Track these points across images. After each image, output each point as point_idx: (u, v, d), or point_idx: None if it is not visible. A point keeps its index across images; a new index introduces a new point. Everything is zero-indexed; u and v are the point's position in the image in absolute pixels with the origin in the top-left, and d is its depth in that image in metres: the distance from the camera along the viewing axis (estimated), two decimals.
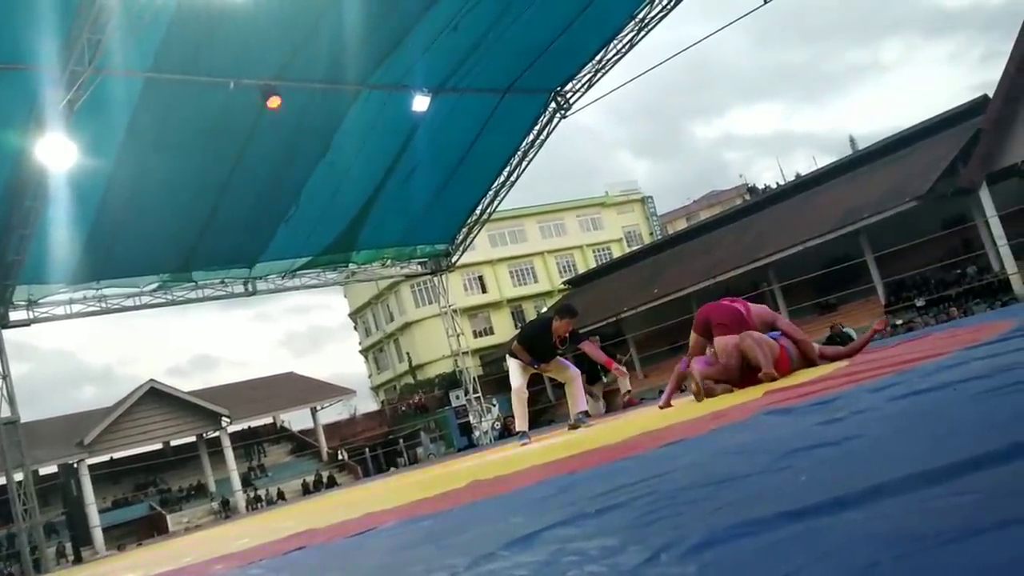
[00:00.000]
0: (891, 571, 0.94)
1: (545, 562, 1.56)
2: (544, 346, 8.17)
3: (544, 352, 8.18)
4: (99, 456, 30.44)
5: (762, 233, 30.81)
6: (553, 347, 8.12)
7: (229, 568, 3.36)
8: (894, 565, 0.95)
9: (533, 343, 8.23)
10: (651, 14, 15.26)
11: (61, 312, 14.51)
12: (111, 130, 12.06)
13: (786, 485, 1.71)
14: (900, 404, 2.61)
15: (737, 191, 59.18)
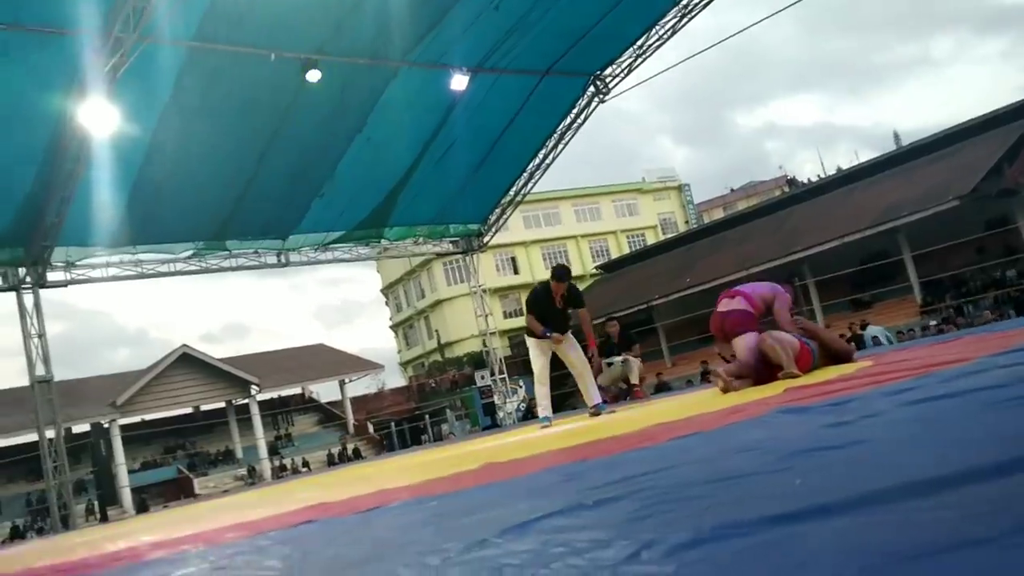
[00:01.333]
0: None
1: (534, 552, 1.58)
2: (549, 308, 8.35)
3: (551, 315, 8.33)
4: (130, 417, 31.02)
5: (799, 226, 30.47)
6: (558, 310, 8.29)
7: (240, 537, 3.43)
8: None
9: (537, 307, 8.41)
10: (695, 0, 15.07)
11: (98, 275, 14.77)
12: (153, 98, 12.20)
13: (781, 487, 1.71)
14: (911, 410, 2.60)
15: (776, 182, 58.51)
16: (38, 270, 13.83)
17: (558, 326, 8.36)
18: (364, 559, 2.04)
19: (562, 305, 8.34)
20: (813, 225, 29.41)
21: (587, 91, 16.96)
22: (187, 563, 2.86)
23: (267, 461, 31.35)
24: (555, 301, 8.32)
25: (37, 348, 13.76)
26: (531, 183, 18.72)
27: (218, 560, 2.74)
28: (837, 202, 30.39)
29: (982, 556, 0.94)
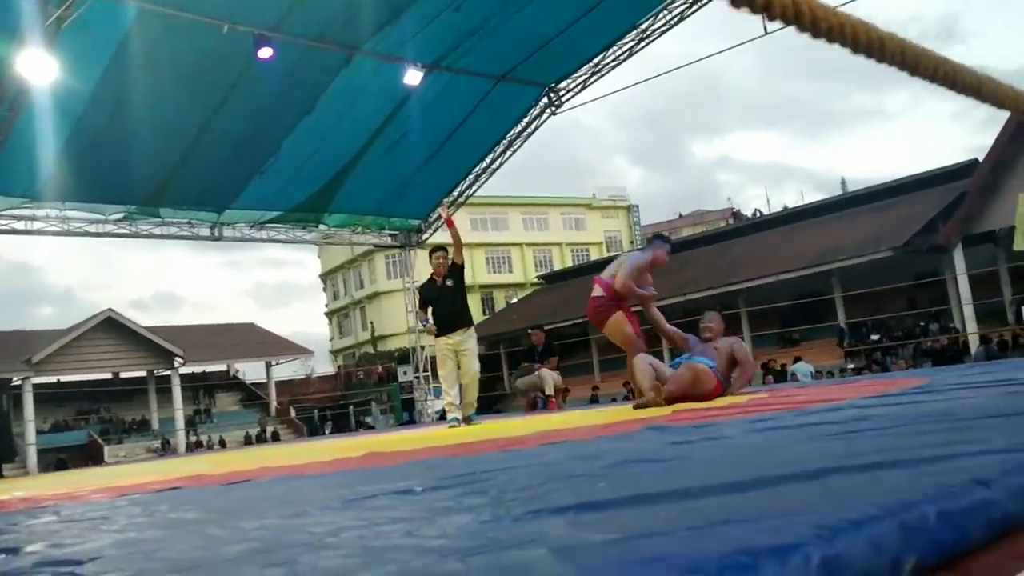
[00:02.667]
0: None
1: (335, 524, 1.67)
2: (434, 293, 8.21)
3: (439, 301, 8.14)
4: (46, 376, 30.25)
5: (739, 259, 31.05)
6: (447, 294, 8.10)
7: (103, 498, 3.49)
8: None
9: (424, 293, 8.39)
10: (654, 26, 15.36)
11: (21, 227, 14.42)
12: (96, 55, 11.97)
13: (585, 488, 1.83)
14: (750, 436, 2.77)
15: (723, 214, 59.56)
16: None
17: (446, 313, 8.10)
18: (186, 521, 2.11)
19: (448, 284, 8.11)
20: (753, 259, 30.01)
21: (540, 101, 17.12)
22: (37, 516, 2.90)
23: (182, 435, 30.84)
24: (440, 284, 8.14)
25: None
26: (476, 186, 18.81)
27: (66, 515, 2.78)
28: (778, 240, 31.06)
29: (661, 546, 1.04)
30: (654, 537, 1.08)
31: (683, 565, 0.84)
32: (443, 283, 8.17)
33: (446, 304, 8.13)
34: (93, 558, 1.58)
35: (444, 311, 8.11)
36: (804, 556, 0.88)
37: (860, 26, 1.30)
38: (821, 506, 1.14)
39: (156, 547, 1.68)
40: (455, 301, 8.19)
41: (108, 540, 1.92)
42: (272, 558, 1.34)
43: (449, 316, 8.11)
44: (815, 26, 1.16)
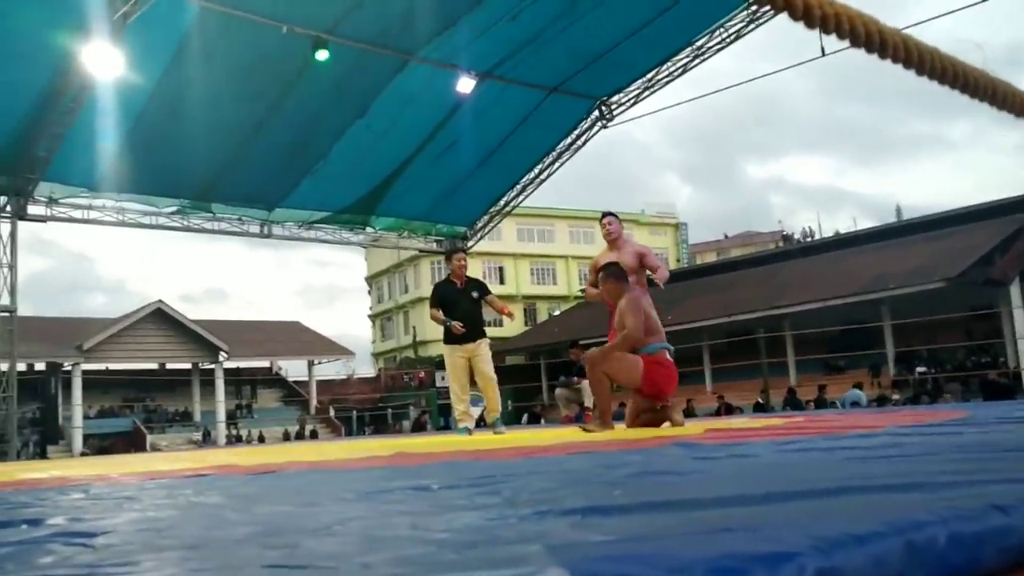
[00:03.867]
0: None
1: (349, 516, 1.68)
2: (452, 297, 7.94)
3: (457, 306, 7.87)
4: (95, 363, 30.92)
5: (787, 282, 30.71)
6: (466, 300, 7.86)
7: (134, 480, 3.55)
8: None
9: (440, 292, 8.08)
10: (709, 44, 15.27)
11: (79, 216, 14.80)
12: (159, 51, 12.25)
13: (598, 495, 1.82)
14: (775, 456, 2.72)
15: (772, 236, 58.88)
16: (20, 201, 13.86)
17: (464, 321, 7.80)
18: (205, 504, 2.14)
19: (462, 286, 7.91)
20: (801, 283, 29.64)
21: (591, 114, 17.12)
22: (67, 493, 2.96)
23: (223, 427, 31.29)
24: (460, 288, 7.95)
25: (6, 278, 13.78)
26: (522, 196, 18.85)
27: (94, 493, 2.84)
28: (828, 264, 30.66)
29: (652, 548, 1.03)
30: (649, 540, 1.06)
31: (668, 566, 0.83)
32: (464, 289, 7.96)
33: (465, 311, 7.84)
34: (106, 532, 1.61)
35: (462, 318, 7.81)
36: (798, 566, 0.86)
37: (924, 49, 1.27)
38: (824, 520, 1.11)
39: (168, 525, 1.71)
40: (474, 311, 7.97)
41: (126, 518, 1.95)
42: (274, 541, 1.35)
43: (469, 324, 7.83)
44: (880, 46, 1.14)
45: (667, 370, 6.24)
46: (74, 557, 1.34)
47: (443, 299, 7.98)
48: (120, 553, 1.35)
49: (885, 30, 1.11)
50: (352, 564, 1.09)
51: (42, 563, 1.29)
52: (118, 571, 1.16)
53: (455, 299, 7.93)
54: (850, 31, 1.02)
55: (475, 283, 8.11)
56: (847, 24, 1.01)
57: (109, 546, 1.43)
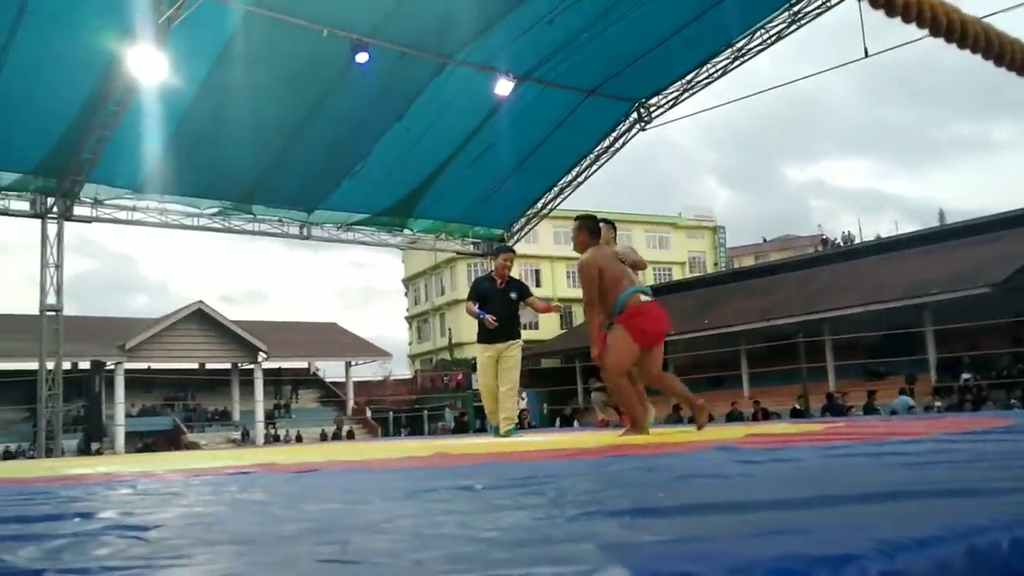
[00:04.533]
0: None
1: (393, 514, 1.69)
2: (490, 292, 7.79)
3: (492, 301, 7.71)
4: (137, 363, 31.41)
5: (826, 287, 30.35)
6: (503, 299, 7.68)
7: (181, 477, 3.61)
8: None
9: (479, 287, 7.97)
10: (749, 45, 15.15)
11: (123, 217, 15.05)
12: (202, 54, 12.44)
13: (642, 496, 1.81)
14: (819, 461, 2.69)
15: (812, 240, 58.21)
16: (66, 203, 14.14)
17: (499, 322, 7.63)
18: (251, 501, 2.16)
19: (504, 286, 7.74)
20: (841, 288, 29.28)
21: (629, 117, 17.06)
22: (115, 488, 3.01)
23: (261, 427, 31.63)
24: (501, 287, 7.81)
25: (52, 278, 14.06)
26: (560, 199, 18.83)
27: (141, 489, 2.88)
28: (869, 269, 30.25)
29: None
30: (703, 541, 1.06)
31: (729, 565, 0.82)
32: (504, 289, 7.81)
33: (500, 311, 7.70)
34: (158, 526, 1.63)
35: (497, 317, 7.66)
36: (860, 568, 0.85)
37: (1005, 39, 1.24)
38: (884, 524, 1.09)
39: (218, 521, 1.73)
40: (510, 312, 7.81)
41: (176, 513, 1.99)
42: (326, 537, 1.36)
43: (502, 323, 7.67)
44: (960, 36, 1.11)
45: (644, 314, 5.83)
46: (128, 549, 1.36)
47: (480, 295, 7.87)
48: (173, 547, 1.37)
49: (966, 19, 1.09)
50: (405, 561, 1.10)
51: (98, 555, 1.31)
52: (174, 564, 1.18)
53: (492, 297, 7.80)
54: (931, 19, 1.00)
55: (516, 284, 7.99)
56: (928, 12, 0.99)
57: (162, 539, 1.46)
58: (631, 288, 5.87)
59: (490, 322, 7.58)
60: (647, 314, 5.84)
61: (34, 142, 13.10)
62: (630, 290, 5.84)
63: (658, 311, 6.00)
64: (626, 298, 5.78)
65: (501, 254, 8.05)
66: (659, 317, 5.96)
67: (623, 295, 5.79)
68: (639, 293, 5.87)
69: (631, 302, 5.78)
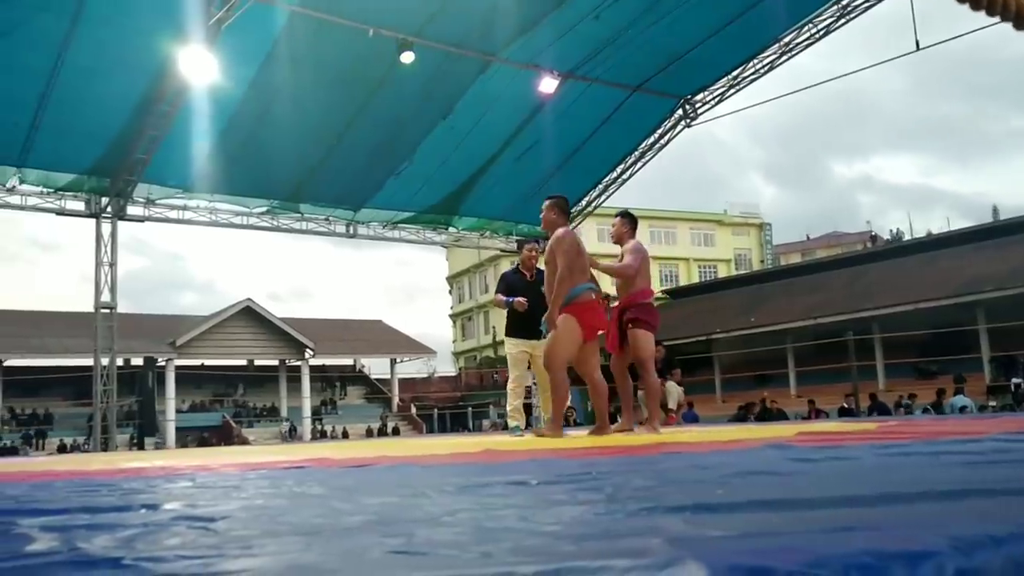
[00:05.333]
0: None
1: (448, 507, 1.71)
2: (519, 285, 7.52)
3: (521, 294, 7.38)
4: (187, 359, 31.99)
5: (875, 284, 29.88)
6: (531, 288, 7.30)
7: (234, 470, 3.67)
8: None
9: (507, 280, 7.67)
10: (797, 40, 14.95)
11: (174, 216, 15.33)
12: (251, 55, 12.61)
13: (698, 492, 1.81)
14: (873, 459, 2.66)
15: (860, 237, 57.25)
16: (120, 202, 14.43)
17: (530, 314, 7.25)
18: (310, 494, 2.19)
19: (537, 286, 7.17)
20: (890, 285, 28.80)
21: (675, 113, 16.93)
22: (175, 481, 3.07)
23: (308, 422, 32.03)
24: (526, 276, 7.55)
25: (106, 276, 14.38)
26: (605, 196, 18.76)
27: (200, 482, 2.94)
28: (919, 266, 29.73)
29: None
30: (772, 536, 1.05)
31: (804, 560, 0.82)
32: (533, 282, 7.45)
33: (530, 304, 7.31)
34: (224, 517, 1.67)
35: (529, 311, 7.33)
36: (937, 565, 0.84)
37: None
38: (955, 521, 1.08)
39: (281, 513, 1.76)
40: (540, 306, 7.22)
41: (237, 504, 2.02)
42: (390, 530, 1.38)
43: (532, 317, 7.24)
44: None
45: (594, 311, 6.19)
46: (198, 539, 1.40)
47: (509, 288, 7.62)
48: (242, 537, 1.40)
49: None
50: (473, 553, 1.11)
51: (170, 544, 1.35)
52: (245, 554, 1.21)
53: (521, 290, 7.51)
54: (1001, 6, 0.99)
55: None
56: (1013, 4, 0.98)
57: (229, 530, 1.49)
58: (588, 284, 6.18)
59: (521, 303, 7.34)
60: (597, 311, 6.24)
61: (89, 143, 13.40)
62: (587, 285, 6.16)
63: (603, 311, 6.44)
64: (582, 291, 6.09)
65: (525, 245, 7.96)
66: (602, 316, 6.40)
67: (581, 287, 6.08)
68: (591, 291, 6.20)
69: (585, 297, 6.11)
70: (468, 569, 0.95)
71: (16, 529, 1.59)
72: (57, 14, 11.08)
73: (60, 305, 69.96)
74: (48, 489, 2.84)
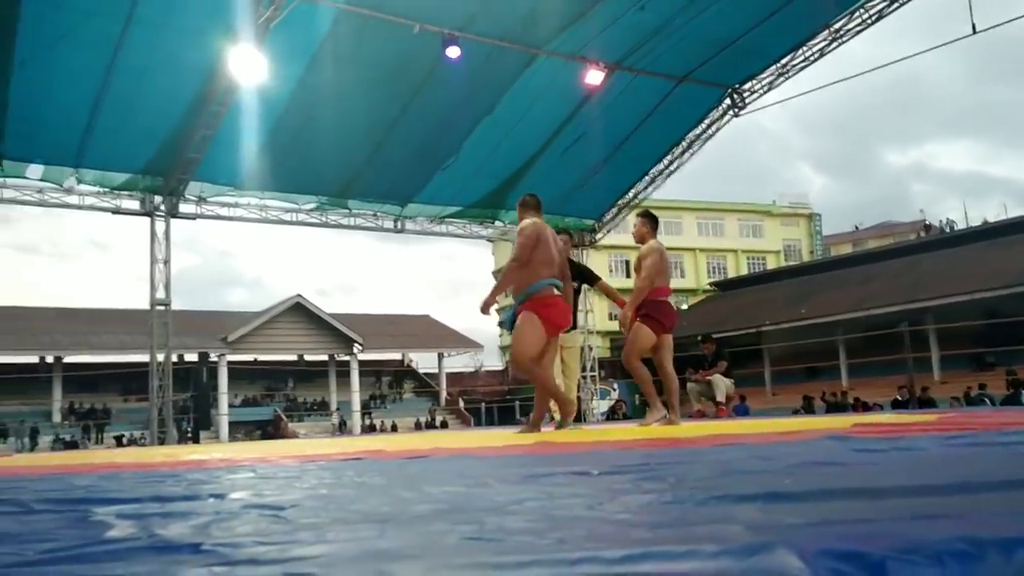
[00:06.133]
0: None
1: (513, 496, 1.71)
2: None
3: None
4: (239, 355, 32.53)
5: (929, 274, 29.29)
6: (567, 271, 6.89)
7: (293, 462, 3.71)
8: None
9: None
10: (848, 26, 14.67)
11: (226, 213, 15.58)
12: (299, 53, 12.76)
13: (767, 481, 1.79)
14: (941, 449, 2.61)
15: (913, 226, 56.07)
16: (172, 200, 14.70)
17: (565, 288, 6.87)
18: (372, 484, 2.21)
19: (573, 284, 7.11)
20: (945, 275, 28.23)
21: (722, 103, 16.74)
22: (236, 472, 3.12)
23: (358, 416, 32.37)
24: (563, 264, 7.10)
25: (161, 273, 14.66)
26: (651, 188, 18.63)
27: (261, 473, 2.98)
28: (975, 255, 29.09)
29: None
30: (858, 524, 1.04)
31: (896, 545, 0.80)
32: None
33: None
34: (293, 505, 1.69)
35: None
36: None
37: None
38: None
39: (348, 501, 1.77)
40: (570, 298, 7.18)
41: (302, 494, 2.05)
42: (460, 518, 1.38)
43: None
44: None
45: (556, 307, 6.11)
46: (270, 526, 1.42)
47: None
48: (313, 524, 1.41)
49: None
50: (548, 539, 1.11)
51: (244, 531, 1.37)
52: (320, 540, 1.22)
53: None
54: None
55: (577, 269, 7.60)
56: None
57: (300, 518, 1.51)
58: (551, 279, 6.09)
59: None
60: (559, 307, 6.11)
61: (142, 143, 13.66)
62: (549, 280, 6.08)
63: (565, 306, 6.26)
64: (542, 286, 6.04)
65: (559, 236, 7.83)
66: (566, 312, 6.28)
67: (542, 282, 6.04)
68: (552, 286, 6.11)
69: (545, 292, 6.05)
70: (547, 554, 0.95)
71: (93, 516, 1.63)
72: (110, 17, 11.32)
73: (113, 303, 71.55)
74: (115, 480, 2.90)
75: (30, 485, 2.75)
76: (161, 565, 1.06)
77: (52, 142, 13.19)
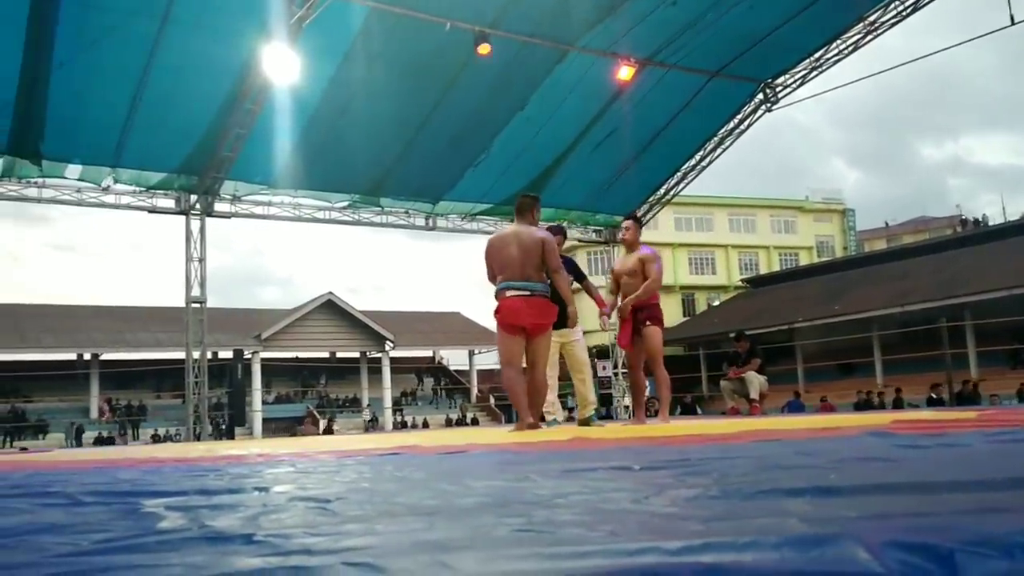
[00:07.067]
0: None
1: (555, 490, 1.70)
2: None
3: None
4: (272, 352, 32.85)
5: (966, 270, 28.87)
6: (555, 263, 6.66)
7: (330, 457, 3.75)
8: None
9: None
10: (883, 18, 14.46)
11: (260, 211, 15.68)
12: (331, 53, 12.82)
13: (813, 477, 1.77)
14: (986, 446, 2.57)
15: (949, 221, 55.24)
16: (207, 199, 14.84)
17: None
18: (413, 478, 2.22)
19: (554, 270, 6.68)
20: (983, 271, 27.81)
21: (755, 98, 16.58)
22: (276, 466, 3.15)
23: (389, 413, 32.55)
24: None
25: (196, 271, 14.81)
26: (683, 184, 18.51)
27: (301, 467, 3.01)
28: (1013, 250, 28.62)
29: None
30: (915, 517, 1.02)
31: (964, 538, 0.79)
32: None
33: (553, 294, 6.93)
34: (339, 498, 1.70)
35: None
36: None
37: None
38: None
39: (392, 495, 1.78)
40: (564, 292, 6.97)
41: (345, 487, 2.06)
42: (507, 511, 1.38)
43: None
44: None
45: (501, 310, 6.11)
46: (317, 518, 1.43)
47: None
48: (360, 516, 1.42)
49: None
50: (599, 531, 1.10)
51: (293, 523, 1.38)
52: (368, 531, 1.23)
53: None
54: None
55: (570, 264, 7.39)
56: None
57: (346, 511, 1.51)
58: (504, 282, 6.07)
59: None
60: (503, 309, 6.07)
61: (178, 142, 13.80)
62: (502, 284, 6.08)
63: (513, 304, 6.05)
64: (498, 290, 6.11)
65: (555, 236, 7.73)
66: (514, 310, 6.05)
67: (499, 285, 6.10)
68: (506, 289, 6.05)
69: (499, 296, 6.09)
70: (600, 545, 0.94)
71: (143, 508, 1.65)
72: (148, 17, 11.44)
73: (149, 301, 72.50)
74: (158, 474, 2.94)
75: (74, 478, 2.79)
76: (215, 556, 1.07)
77: (90, 142, 13.35)
